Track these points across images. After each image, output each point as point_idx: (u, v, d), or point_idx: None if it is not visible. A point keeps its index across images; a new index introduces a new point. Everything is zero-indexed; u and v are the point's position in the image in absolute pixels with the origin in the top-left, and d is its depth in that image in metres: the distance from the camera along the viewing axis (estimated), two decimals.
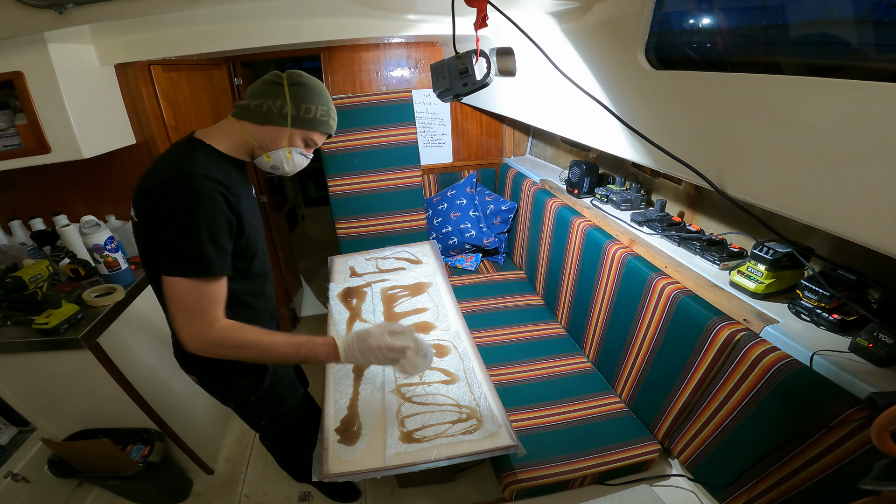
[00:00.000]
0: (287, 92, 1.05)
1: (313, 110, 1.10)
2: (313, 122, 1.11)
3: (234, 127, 1.08)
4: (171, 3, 1.22)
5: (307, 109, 1.08)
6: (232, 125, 1.08)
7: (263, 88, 1.06)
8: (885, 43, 0.77)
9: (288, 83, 1.06)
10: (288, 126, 1.08)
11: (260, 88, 1.07)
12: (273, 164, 1.13)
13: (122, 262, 1.62)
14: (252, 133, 1.08)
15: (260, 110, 1.06)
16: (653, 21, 1.00)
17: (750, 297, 1.16)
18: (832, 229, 0.74)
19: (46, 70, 1.41)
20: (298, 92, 1.07)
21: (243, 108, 1.08)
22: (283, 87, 1.06)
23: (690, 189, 1.57)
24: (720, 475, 1.14)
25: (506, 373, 1.69)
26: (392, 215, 2.44)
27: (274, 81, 1.07)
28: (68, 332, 1.37)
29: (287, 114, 1.06)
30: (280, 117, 1.06)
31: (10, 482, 1.42)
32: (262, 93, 1.06)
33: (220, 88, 2.43)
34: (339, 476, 1.09)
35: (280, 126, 1.07)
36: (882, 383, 0.84)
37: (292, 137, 1.10)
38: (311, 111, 1.09)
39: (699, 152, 0.96)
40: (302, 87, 1.07)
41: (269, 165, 1.13)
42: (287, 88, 1.06)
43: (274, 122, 1.06)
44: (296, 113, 1.07)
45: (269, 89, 1.06)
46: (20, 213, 1.85)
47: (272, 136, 1.08)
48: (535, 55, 1.29)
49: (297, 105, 1.07)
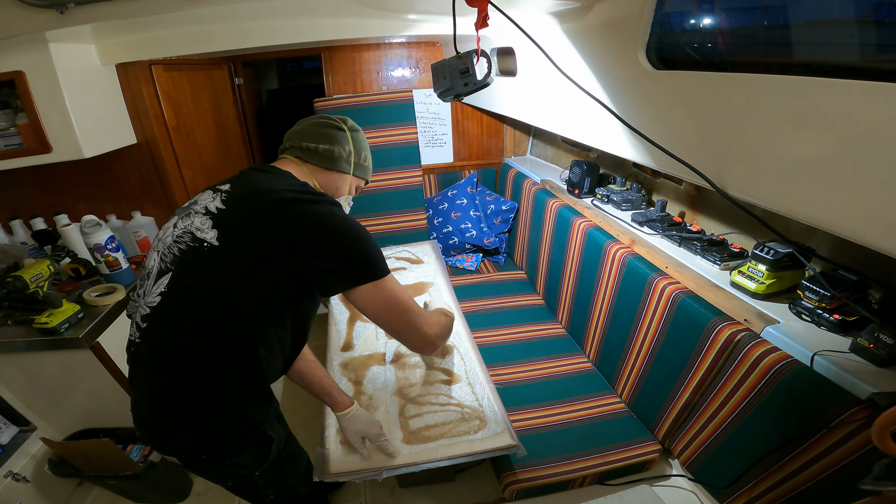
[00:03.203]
0: (350, 138, 1.05)
1: (368, 158, 1.11)
2: (367, 171, 1.12)
3: (302, 170, 1.01)
4: (171, 2, 1.22)
5: (365, 157, 1.09)
6: (299, 168, 1.01)
7: (329, 133, 1.03)
8: (885, 43, 0.78)
9: (349, 130, 1.06)
10: (351, 173, 1.07)
11: (324, 133, 1.03)
12: None
13: (122, 262, 1.62)
14: (318, 178, 1.03)
15: (331, 155, 1.02)
16: (654, 21, 1.00)
17: (751, 297, 1.16)
18: (832, 230, 0.74)
19: (48, 70, 1.41)
20: (358, 139, 1.07)
21: (309, 152, 1.02)
22: (347, 134, 1.05)
23: (691, 189, 1.57)
24: (720, 475, 1.14)
25: (506, 373, 1.69)
26: (393, 215, 2.44)
27: (337, 127, 1.05)
28: (69, 331, 1.38)
29: (352, 161, 1.06)
30: (346, 164, 1.05)
31: (10, 482, 1.42)
32: (329, 137, 1.03)
33: (221, 88, 2.43)
34: (339, 476, 1.09)
35: (346, 173, 1.06)
36: (883, 384, 0.84)
37: (352, 185, 1.09)
38: (367, 159, 1.10)
39: (700, 152, 0.96)
40: (359, 135, 1.08)
41: None
42: (349, 135, 1.05)
43: (342, 168, 1.05)
44: (357, 160, 1.07)
45: (335, 135, 1.04)
46: (21, 213, 1.85)
47: (339, 182, 1.06)
48: (536, 55, 1.30)
49: (358, 152, 1.07)
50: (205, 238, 0.83)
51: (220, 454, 0.92)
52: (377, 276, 0.89)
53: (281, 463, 1.05)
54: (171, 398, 0.86)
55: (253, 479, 1.01)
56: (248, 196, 0.88)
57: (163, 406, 0.87)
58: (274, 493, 1.10)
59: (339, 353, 1.54)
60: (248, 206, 0.86)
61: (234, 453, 0.93)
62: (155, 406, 0.88)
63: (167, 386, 0.86)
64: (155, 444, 0.93)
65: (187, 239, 0.85)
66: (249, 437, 0.92)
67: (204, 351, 0.83)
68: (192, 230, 0.85)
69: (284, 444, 1.06)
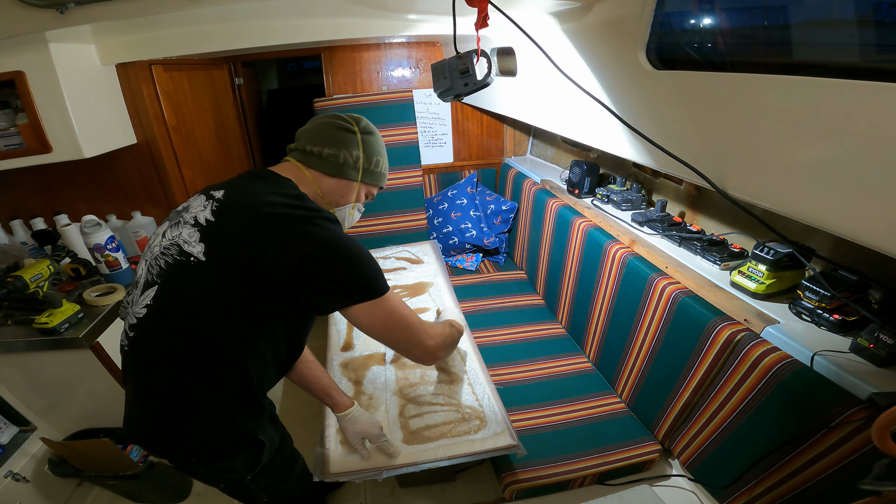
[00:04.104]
0: (360, 142, 0.96)
1: (381, 164, 1.02)
2: (378, 177, 1.03)
3: (304, 175, 0.94)
4: (171, 2, 1.22)
5: (377, 163, 1.00)
6: (302, 173, 0.94)
7: (336, 136, 0.95)
8: (885, 43, 0.78)
9: (360, 132, 0.97)
10: (359, 180, 0.99)
11: (331, 135, 0.95)
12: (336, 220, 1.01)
13: (122, 262, 1.63)
14: (322, 185, 0.96)
15: (335, 161, 0.94)
16: (654, 21, 1.00)
17: (751, 297, 1.16)
18: (833, 230, 0.74)
19: (48, 69, 1.41)
20: (371, 143, 0.98)
21: (312, 156, 0.95)
22: (357, 137, 0.97)
23: (691, 189, 1.57)
24: (720, 475, 1.14)
25: (506, 373, 1.69)
26: (393, 215, 2.44)
27: (346, 129, 0.96)
28: (69, 331, 1.38)
29: (360, 167, 0.97)
30: (353, 170, 0.97)
31: (10, 482, 1.42)
32: (336, 141, 0.95)
33: (221, 88, 2.44)
34: (339, 476, 1.09)
35: (352, 180, 0.98)
36: (883, 384, 0.84)
37: (360, 192, 1.01)
38: (379, 164, 1.01)
39: (700, 152, 0.96)
40: (373, 137, 1.00)
41: None
42: (360, 138, 0.97)
43: (348, 175, 0.97)
44: (367, 166, 0.98)
45: (343, 137, 0.95)
46: (21, 213, 1.85)
47: (344, 190, 0.98)
48: (536, 55, 1.30)
49: (369, 157, 0.98)
50: (191, 252, 0.80)
51: (209, 458, 0.91)
52: (373, 295, 0.85)
53: (274, 467, 1.03)
54: (159, 408, 0.85)
55: (245, 483, 1.00)
56: (240, 208, 0.83)
57: (151, 414, 0.87)
58: (267, 496, 1.09)
59: (339, 353, 1.54)
60: (238, 220, 0.81)
61: (225, 457, 0.91)
62: (144, 413, 0.88)
63: (155, 396, 0.85)
64: (144, 446, 0.94)
65: (174, 252, 0.82)
66: (239, 443, 0.92)
67: (191, 366, 0.81)
68: (179, 242, 0.82)
69: (278, 448, 1.03)
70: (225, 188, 0.87)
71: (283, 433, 1.10)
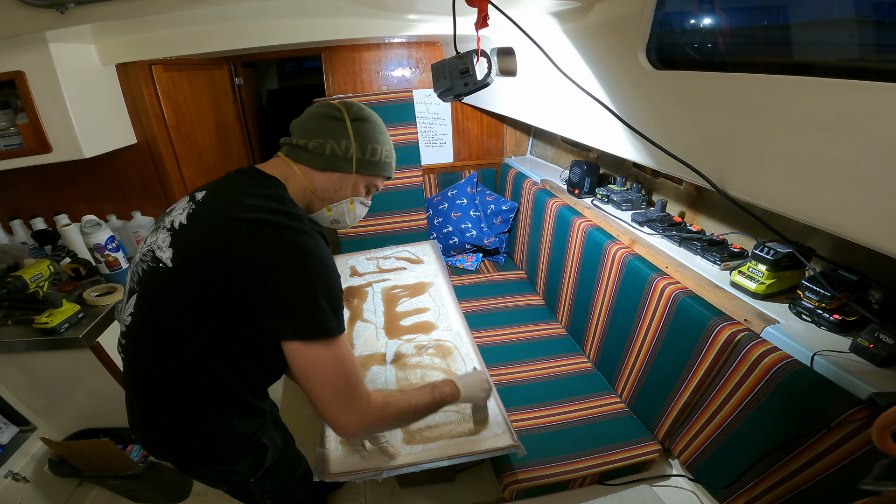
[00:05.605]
0: (350, 130, 0.87)
1: (379, 151, 0.92)
2: (379, 166, 0.93)
3: (293, 171, 0.88)
4: (171, 2, 1.22)
5: (373, 151, 0.90)
6: (290, 169, 0.88)
7: (321, 125, 0.87)
8: (885, 43, 0.78)
9: (350, 119, 0.88)
10: (353, 172, 0.90)
11: (317, 125, 0.88)
12: (334, 217, 0.94)
13: (122, 262, 1.63)
14: (313, 180, 0.88)
15: (322, 153, 0.86)
16: (654, 21, 1.00)
17: (751, 297, 1.16)
18: (833, 229, 0.74)
19: (48, 69, 1.41)
20: (363, 129, 0.89)
21: (298, 149, 0.88)
22: (346, 124, 0.88)
23: (691, 189, 1.57)
24: (721, 475, 1.14)
25: (506, 373, 1.69)
26: (393, 215, 2.44)
27: (333, 116, 0.88)
28: (69, 331, 1.38)
29: (352, 157, 0.88)
30: (345, 161, 0.88)
31: (10, 482, 1.42)
32: (322, 130, 0.87)
33: (221, 88, 2.44)
34: (339, 476, 1.09)
35: (345, 172, 0.89)
36: (883, 384, 0.84)
37: (356, 185, 0.92)
38: (376, 152, 0.91)
39: (700, 152, 0.96)
40: (366, 124, 0.90)
41: (329, 220, 0.94)
42: (350, 125, 0.88)
43: (338, 167, 0.88)
44: (361, 155, 0.89)
45: (330, 126, 0.87)
46: (21, 213, 1.85)
47: (336, 185, 0.90)
48: (536, 55, 1.29)
49: (362, 146, 0.89)
50: (161, 258, 0.77)
51: (212, 462, 0.89)
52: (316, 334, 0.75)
53: (277, 469, 1.00)
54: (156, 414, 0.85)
55: (248, 485, 0.98)
56: (213, 212, 0.78)
57: (150, 419, 0.86)
58: (270, 498, 1.07)
59: None
60: (208, 225, 0.77)
61: (228, 461, 0.90)
62: (144, 419, 0.87)
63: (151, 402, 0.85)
64: (148, 450, 0.93)
65: (149, 258, 0.79)
66: (242, 447, 0.90)
67: (177, 373, 0.80)
68: (154, 248, 0.79)
69: (281, 450, 1.01)
70: (207, 189, 0.84)
71: (286, 435, 1.09)
